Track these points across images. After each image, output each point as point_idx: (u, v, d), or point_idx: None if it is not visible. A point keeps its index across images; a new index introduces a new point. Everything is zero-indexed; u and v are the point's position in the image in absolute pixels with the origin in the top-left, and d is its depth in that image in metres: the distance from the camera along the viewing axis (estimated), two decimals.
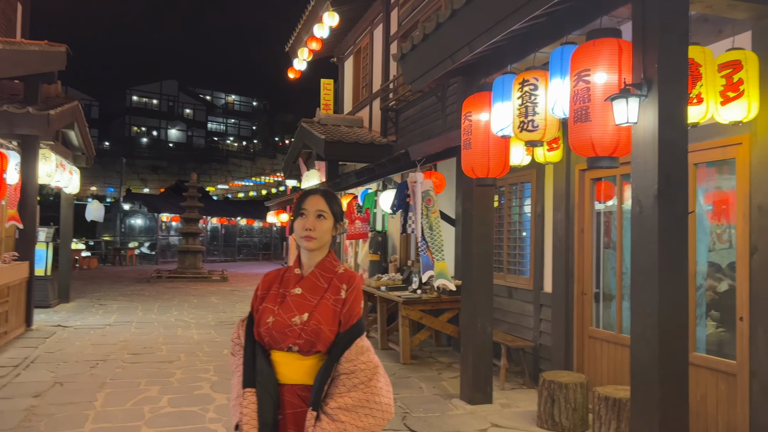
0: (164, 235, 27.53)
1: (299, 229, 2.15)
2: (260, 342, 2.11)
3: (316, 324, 2.04)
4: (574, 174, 5.58)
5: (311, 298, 2.10)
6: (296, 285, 2.14)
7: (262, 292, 2.20)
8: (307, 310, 2.07)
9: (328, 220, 2.17)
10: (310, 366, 2.06)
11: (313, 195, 2.20)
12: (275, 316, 2.08)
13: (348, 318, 2.09)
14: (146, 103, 53.66)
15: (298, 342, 2.05)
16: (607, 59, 3.37)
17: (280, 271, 2.26)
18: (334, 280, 2.15)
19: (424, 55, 5.14)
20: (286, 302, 2.10)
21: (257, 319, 2.13)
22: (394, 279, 8.39)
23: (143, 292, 14.20)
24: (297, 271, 2.19)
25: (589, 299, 5.52)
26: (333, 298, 2.10)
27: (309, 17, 12.10)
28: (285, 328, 2.05)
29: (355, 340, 2.06)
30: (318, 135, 10.30)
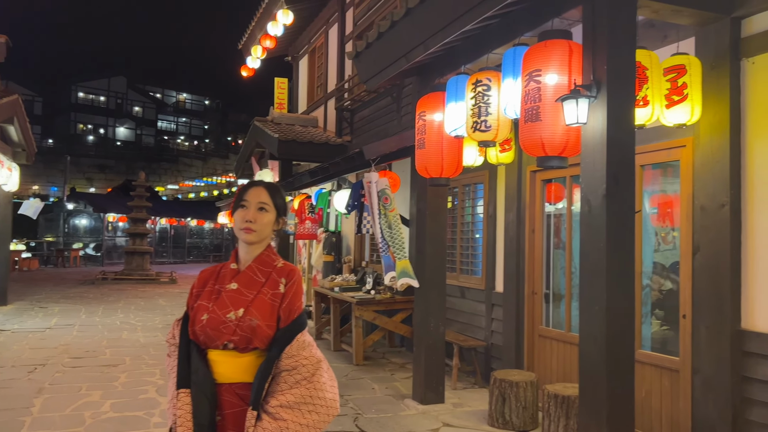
0: (110, 236, 26.70)
1: (239, 220, 2.08)
2: (196, 341, 2.03)
3: (252, 319, 1.97)
4: (525, 175, 5.65)
5: (247, 293, 2.03)
6: (232, 280, 2.07)
7: (198, 289, 2.12)
8: (242, 306, 2.00)
9: (269, 213, 2.11)
10: (247, 363, 1.99)
11: (255, 186, 2.14)
12: (209, 313, 2.01)
13: (288, 313, 2.02)
14: (93, 100, 51.89)
15: (234, 339, 1.97)
16: (558, 60, 3.41)
17: (216, 267, 2.19)
18: (272, 274, 2.08)
19: (379, 54, 5.12)
20: (221, 298, 2.03)
21: (192, 317, 2.06)
22: (348, 280, 8.34)
23: (87, 294, 13.70)
24: (233, 266, 2.12)
25: (539, 299, 5.60)
26: (271, 293, 2.03)
27: (263, 14, 11.93)
28: (219, 325, 1.98)
29: (296, 336, 1.99)
30: (271, 134, 10.16)
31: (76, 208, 27.58)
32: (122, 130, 52.85)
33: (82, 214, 27.63)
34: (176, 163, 52.30)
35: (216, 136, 58.09)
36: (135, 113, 54.07)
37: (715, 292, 3.71)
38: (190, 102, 60.28)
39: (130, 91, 53.63)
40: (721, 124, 3.69)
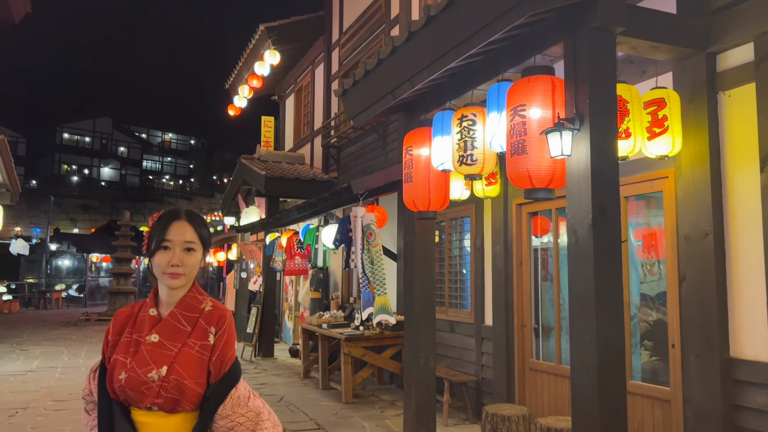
0: (94, 277, 26.36)
1: (163, 264, 1.80)
2: (116, 399, 1.76)
3: (178, 379, 1.72)
4: (511, 208, 5.71)
5: (170, 346, 1.76)
6: (152, 330, 1.78)
7: (113, 337, 1.83)
8: (165, 363, 1.73)
9: (197, 251, 1.85)
10: (177, 424, 1.75)
11: (177, 221, 1.84)
12: (128, 371, 1.73)
13: (219, 367, 1.79)
14: (78, 141, 51.88)
15: (158, 402, 1.73)
16: (541, 95, 3.49)
17: (133, 308, 1.89)
18: (199, 321, 1.82)
19: (365, 91, 5.20)
20: (140, 353, 1.75)
21: (109, 372, 1.77)
22: (336, 316, 8.28)
23: (70, 336, 13.44)
24: (152, 311, 1.83)
25: (528, 331, 5.60)
26: (199, 344, 1.78)
27: (250, 55, 12.13)
28: (141, 386, 1.72)
29: (229, 393, 1.78)
30: (258, 171, 10.21)
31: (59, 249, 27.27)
32: (107, 170, 52.74)
33: (65, 254, 27.31)
34: (161, 203, 52.04)
35: (201, 176, 58.14)
36: (120, 153, 54.09)
37: (703, 320, 3.74)
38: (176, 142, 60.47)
39: (115, 132, 53.74)
40: (702, 155, 3.78)
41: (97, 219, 44.54)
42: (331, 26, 11.36)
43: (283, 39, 11.35)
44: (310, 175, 10.56)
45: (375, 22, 9.33)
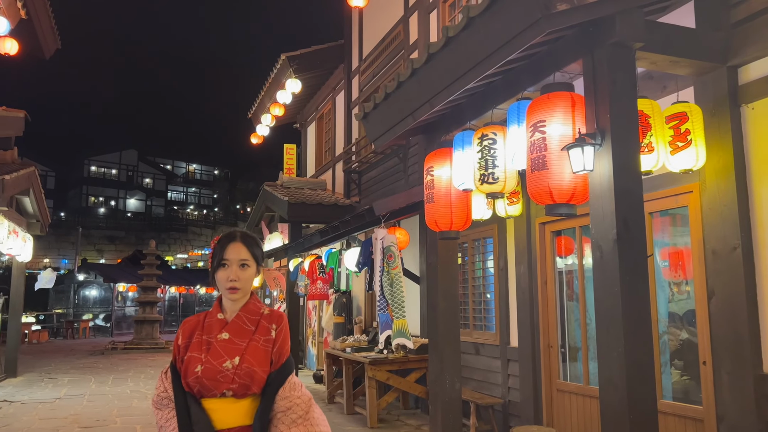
0: (120, 306, 26.63)
1: (223, 280, 2.12)
2: (190, 392, 2.05)
3: (249, 366, 2.05)
4: (534, 227, 5.69)
5: (239, 342, 2.09)
6: (222, 330, 2.11)
7: (184, 340, 2.14)
8: (237, 354, 2.06)
9: (251, 267, 2.16)
10: (245, 408, 2.06)
11: (233, 243, 2.16)
12: (203, 364, 2.05)
13: (279, 357, 2.12)
14: (105, 173, 53.01)
15: (232, 387, 2.03)
16: (561, 111, 3.51)
17: (199, 317, 2.21)
18: (261, 321, 2.15)
19: (386, 114, 5.26)
20: (214, 348, 2.07)
21: (183, 369, 2.08)
22: (360, 340, 8.25)
23: (97, 364, 13.57)
24: (220, 316, 2.16)
25: (555, 352, 5.52)
26: (263, 339, 2.11)
27: (272, 84, 12.35)
28: (217, 375, 2.03)
29: (287, 377, 2.11)
30: (281, 197, 10.32)
31: (86, 279, 27.66)
32: (133, 201, 53.66)
33: (93, 284, 27.68)
34: (185, 233, 52.72)
35: (225, 205, 58.81)
36: (145, 185, 55.05)
37: (734, 336, 3.67)
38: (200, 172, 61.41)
39: (141, 164, 54.81)
40: (726, 168, 3.75)
41: (123, 249, 45.17)
42: (351, 54, 11.55)
43: (305, 68, 11.55)
44: (332, 200, 10.64)
45: (394, 48, 9.46)
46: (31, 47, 10.47)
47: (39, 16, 9.86)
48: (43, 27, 10.32)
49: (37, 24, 9.95)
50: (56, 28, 10.85)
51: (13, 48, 8.40)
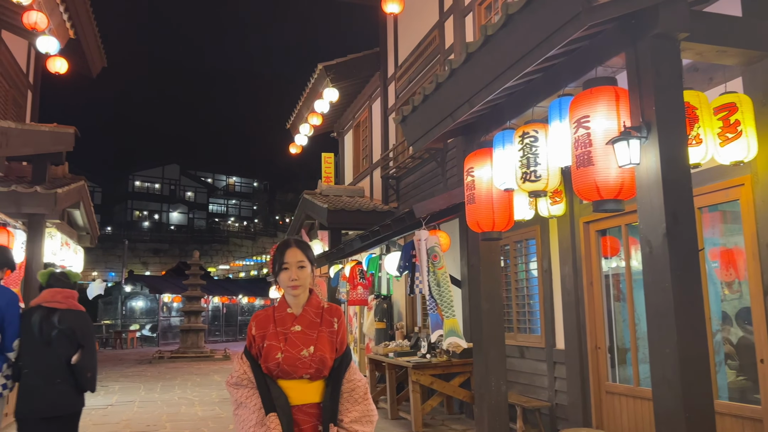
0: (165, 316, 27.21)
1: (285, 280, 2.50)
2: (269, 374, 2.43)
3: (322, 354, 2.44)
4: (578, 227, 5.60)
5: (311, 333, 2.47)
6: (294, 323, 2.49)
7: (258, 331, 2.50)
8: (311, 344, 2.45)
9: (307, 268, 2.53)
10: (316, 387, 2.45)
11: (290, 249, 2.54)
12: (283, 352, 2.42)
13: (341, 345, 2.53)
14: (148, 188, 54.43)
15: (310, 371, 2.42)
16: (605, 105, 3.46)
17: (268, 311, 2.58)
18: (324, 314, 2.54)
19: (424, 116, 5.27)
20: (291, 339, 2.45)
21: (264, 356, 2.44)
22: (402, 345, 8.24)
23: (145, 372, 13.88)
24: (289, 310, 2.53)
25: (603, 353, 5.41)
26: (328, 330, 2.50)
27: (309, 94, 12.50)
28: (296, 361, 2.41)
29: (349, 363, 2.53)
30: (320, 205, 10.41)
31: (133, 291, 28.39)
32: (175, 214, 54.89)
33: (139, 296, 28.39)
34: (227, 244, 53.64)
35: (264, 216, 59.67)
36: (187, 198, 56.28)
37: None
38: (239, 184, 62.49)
39: (183, 178, 56.10)
40: None
41: (167, 261, 46.21)
42: (387, 61, 11.61)
43: (341, 76, 11.66)
44: (370, 206, 10.68)
45: (430, 53, 9.48)
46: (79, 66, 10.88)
47: (86, 35, 10.23)
48: (90, 46, 10.70)
49: (84, 43, 10.33)
50: (102, 46, 11.24)
51: (62, 67, 8.74)
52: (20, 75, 10.92)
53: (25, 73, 11.23)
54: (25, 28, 7.68)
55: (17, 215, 7.89)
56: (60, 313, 3.96)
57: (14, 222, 7.43)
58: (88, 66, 11.30)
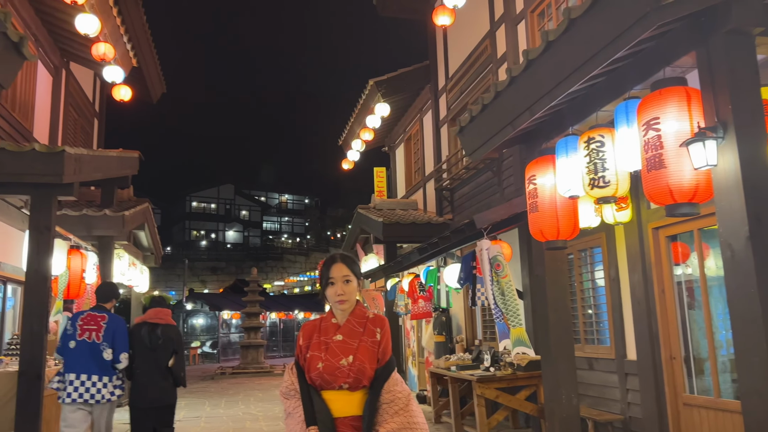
0: (225, 333, 27.80)
1: (332, 295, 2.53)
2: (312, 385, 2.44)
3: (361, 364, 2.42)
4: (647, 233, 5.42)
5: (351, 342, 2.47)
6: (336, 332, 2.50)
7: (305, 341, 2.54)
8: (351, 353, 2.44)
9: (353, 281, 2.55)
10: (357, 399, 2.43)
11: (335, 264, 2.56)
12: (323, 361, 2.43)
13: (383, 355, 2.49)
14: (205, 208, 56.01)
15: (348, 381, 2.40)
16: (675, 106, 3.35)
17: (315, 321, 2.61)
18: (368, 324, 2.52)
19: (483, 125, 5.23)
20: (331, 348, 2.46)
21: (307, 366, 2.47)
22: (463, 359, 8.13)
23: (208, 388, 14.18)
24: (333, 320, 2.56)
25: (679, 364, 5.20)
26: (370, 340, 2.48)
27: (361, 109, 12.63)
28: (335, 370, 2.41)
29: (391, 374, 2.48)
30: (375, 219, 10.46)
31: (193, 308, 29.12)
32: (231, 233, 56.25)
33: (199, 313, 29.10)
34: (281, 261, 54.51)
35: (317, 232, 60.42)
36: (242, 217, 57.63)
37: None
38: (292, 202, 63.60)
39: (237, 197, 57.54)
40: None
41: (224, 279, 47.29)
42: (437, 73, 11.62)
43: (392, 91, 11.73)
44: (425, 218, 10.66)
45: (481, 63, 9.44)
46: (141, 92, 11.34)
47: (147, 63, 10.67)
48: (151, 73, 11.16)
49: (146, 71, 10.78)
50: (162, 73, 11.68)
51: (126, 94, 9.12)
52: (87, 104, 11.46)
53: (91, 101, 11.78)
54: (93, 59, 8.08)
55: (88, 237, 8.24)
56: (161, 327, 5.30)
57: (86, 244, 7.76)
58: (149, 92, 11.78)
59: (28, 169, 5.67)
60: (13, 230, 7.57)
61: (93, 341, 5.05)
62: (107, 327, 5.12)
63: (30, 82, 8.47)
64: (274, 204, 62.55)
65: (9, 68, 3.76)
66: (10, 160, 5.62)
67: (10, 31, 3.39)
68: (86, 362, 4.99)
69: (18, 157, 5.63)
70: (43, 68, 8.96)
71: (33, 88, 8.57)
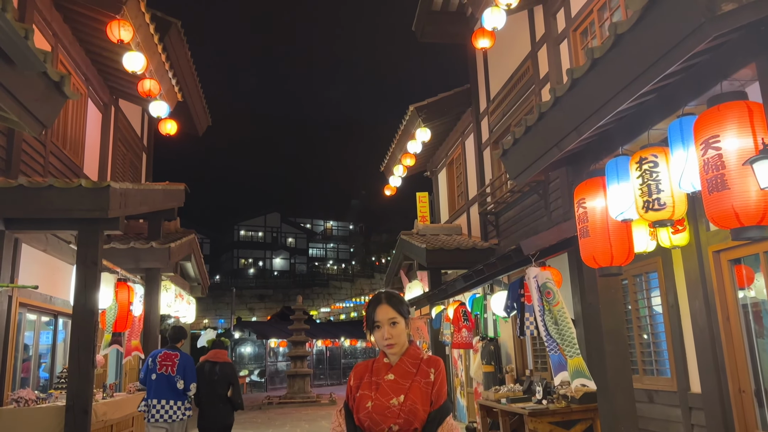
0: (272, 361, 27.86)
1: (380, 339, 2.44)
2: (360, 427, 2.33)
3: (412, 404, 2.30)
4: (707, 257, 5.10)
5: (403, 383, 2.36)
6: (388, 372, 2.40)
7: (356, 381, 2.46)
8: (402, 393, 2.33)
9: (400, 323, 2.44)
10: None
11: (380, 306, 2.45)
12: (373, 400, 2.33)
13: (438, 397, 2.36)
14: (252, 236, 56.87)
15: (398, 422, 2.28)
16: (736, 122, 3.13)
17: (368, 362, 2.52)
18: (421, 365, 2.41)
19: (527, 148, 5.06)
20: (382, 387, 2.36)
21: (356, 406, 2.37)
22: (514, 390, 7.83)
23: (256, 419, 14.14)
24: (386, 360, 2.46)
25: (749, 397, 4.82)
26: (423, 381, 2.37)
27: (402, 135, 12.58)
28: (385, 410, 2.30)
29: (445, 418, 2.35)
30: (418, 245, 10.30)
31: (242, 337, 29.34)
32: (278, 260, 56.85)
33: (247, 342, 29.30)
34: (327, 287, 54.67)
35: (361, 258, 60.48)
36: (288, 244, 58.25)
37: None
38: (336, 228, 64.00)
39: (283, 225, 58.28)
40: None
41: (271, 306, 47.65)
42: (478, 96, 11.48)
43: (433, 116, 11.65)
44: (469, 244, 10.43)
45: (524, 85, 9.26)
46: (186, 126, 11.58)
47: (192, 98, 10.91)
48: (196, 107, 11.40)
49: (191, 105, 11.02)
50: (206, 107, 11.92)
51: (173, 129, 9.32)
52: (136, 139, 11.78)
53: (139, 136, 12.11)
54: (140, 95, 8.28)
55: (135, 270, 8.36)
56: (219, 365, 6.70)
57: (134, 277, 7.85)
58: (194, 126, 12.03)
59: (75, 204, 5.77)
60: (63, 264, 7.73)
61: (169, 374, 6.41)
62: (179, 363, 6.46)
63: (80, 119, 8.74)
64: (319, 231, 63.08)
65: (51, 107, 3.81)
66: (57, 197, 5.74)
67: (50, 70, 3.43)
68: (164, 390, 6.37)
69: (65, 193, 5.75)
70: (92, 106, 9.24)
71: (83, 125, 8.83)
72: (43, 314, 7.58)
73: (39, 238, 7.00)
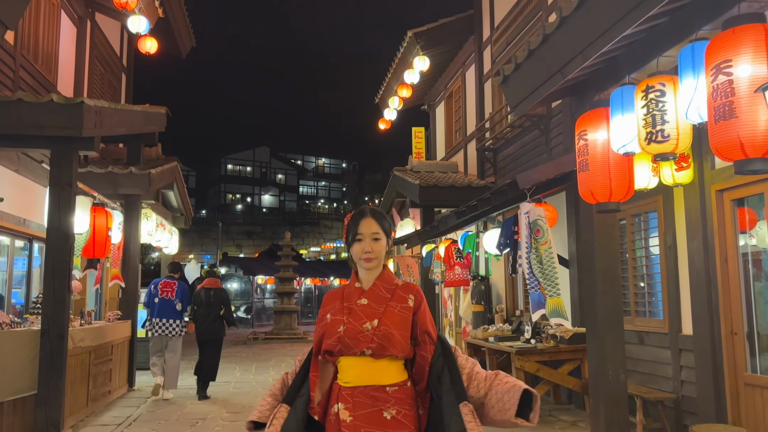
0: (259, 298, 28.00)
1: (359, 252, 2.32)
2: (329, 351, 2.23)
3: (386, 329, 2.21)
4: (709, 196, 4.89)
5: (377, 307, 2.26)
6: (361, 297, 2.30)
7: (326, 307, 2.36)
8: (376, 317, 2.23)
9: (382, 240, 2.34)
10: (380, 368, 2.21)
11: (365, 219, 2.35)
12: (345, 324, 2.24)
13: (423, 322, 2.26)
14: (240, 171, 56.17)
15: (371, 346, 2.19)
16: (751, 47, 2.84)
17: (339, 289, 2.42)
18: (397, 290, 2.31)
19: (529, 74, 4.74)
20: (354, 312, 2.26)
21: (327, 331, 2.27)
22: (503, 329, 7.76)
23: (240, 354, 14.19)
24: (357, 284, 2.35)
25: (740, 340, 4.71)
26: (399, 306, 2.27)
27: (399, 64, 12.05)
28: (357, 334, 2.21)
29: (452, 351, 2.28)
30: (411, 181, 10.05)
31: (227, 273, 29.36)
32: (267, 197, 56.45)
33: (233, 278, 29.35)
34: (317, 226, 54.60)
35: (354, 197, 60.22)
36: (278, 180, 57.71)
37: None
38: (329, 166, 63.41)
39: (273, 160, 57.52)
40: None
41: (259, 244, 47.59)
42: (482, 23, 10.92)
43: (432, 43, 11.08)
44: (465, 181, 10.18)
45: (530, 11, 8.76)
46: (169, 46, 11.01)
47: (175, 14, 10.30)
48: (179, 25, 10.78)
49: (173, 22, 10.40)
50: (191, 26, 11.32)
51: (152, 47, 8.81)
52: (114, 58, 11.22)
53: (119, 56, 11.53)
54: (116, 8, 7.75)
55: (114, 196, 8.07)
56: (214, 290, 8.47)
57: (112, 203, 7.58)
58: (177, 46, 11.41)
59: (47, 121, 5.44)
60: (36, 186, 7.41)
61: (170, 298, 8.10)
62: (177, 289, 8.22)
63: (53, 32, 8.21)
64: (310, 168, 62.45)
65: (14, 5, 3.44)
66: (28, 112, 5.40)
67: None
68: (166, 311, 8.06)
69: (36, 108, 5.41)
70: (66, 18, 8.68)
71: (56, 38, 8.31)
72: (18, 238, 7.33)
73: (11, 157, 6.67)
